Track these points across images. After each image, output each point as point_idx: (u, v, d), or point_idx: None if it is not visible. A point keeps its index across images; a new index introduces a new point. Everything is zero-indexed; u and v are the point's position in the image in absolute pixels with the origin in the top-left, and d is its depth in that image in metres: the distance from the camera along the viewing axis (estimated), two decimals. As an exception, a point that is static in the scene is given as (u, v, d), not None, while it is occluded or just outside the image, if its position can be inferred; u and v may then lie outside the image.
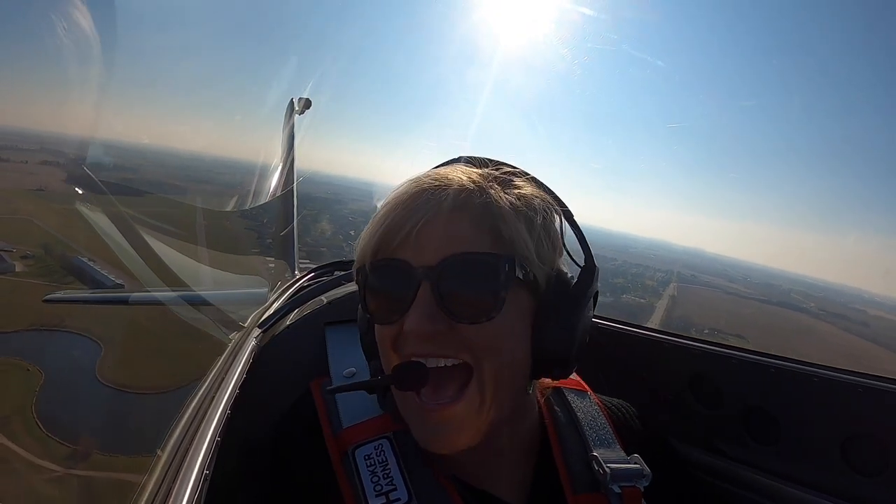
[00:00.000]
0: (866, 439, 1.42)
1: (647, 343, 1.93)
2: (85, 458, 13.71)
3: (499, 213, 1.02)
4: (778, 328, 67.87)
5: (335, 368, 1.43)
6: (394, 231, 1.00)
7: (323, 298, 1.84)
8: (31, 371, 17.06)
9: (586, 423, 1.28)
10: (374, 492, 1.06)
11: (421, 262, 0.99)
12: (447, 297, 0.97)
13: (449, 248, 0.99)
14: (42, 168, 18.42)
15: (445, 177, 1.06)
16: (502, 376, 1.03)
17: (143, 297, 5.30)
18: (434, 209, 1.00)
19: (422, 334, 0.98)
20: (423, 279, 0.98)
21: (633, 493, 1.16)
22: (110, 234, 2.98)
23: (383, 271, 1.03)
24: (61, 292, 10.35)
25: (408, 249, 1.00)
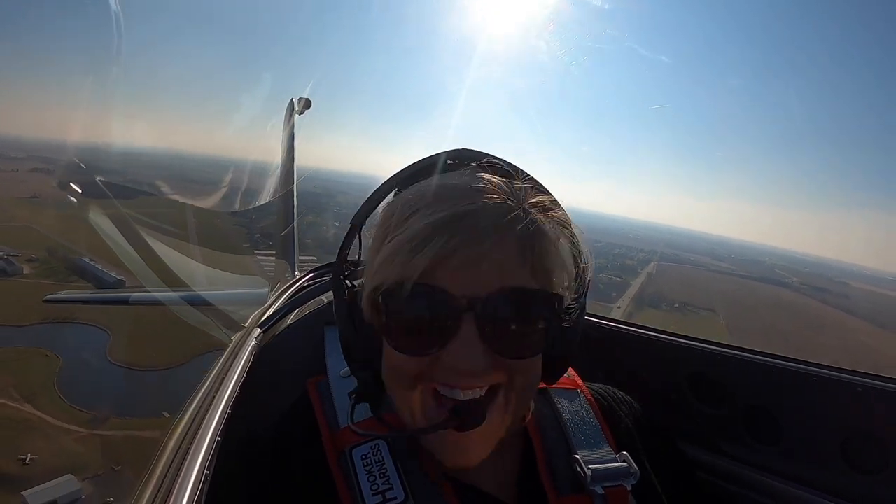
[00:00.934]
0: (866, 438, 1.43)
1: (647, 343, 1.91)
2: (104, 421, 16.19)
3: (545, 243, 0.98)
4: (751, 301, 68.80)
5: (332, 369, 1.40)
6: (444, 258, 0.91)
7: (323, 298, 1.82)
8: (49, 357, 19.23)
9: (572, 425, 1.26)
10: (370, 491, 1.04)
11: (464, 293, 0.91)
12: (493, 332, 0.92)
13: (496, 279, 0.92)
14: (33, 176, 20.26)
15: (491, 200, 0.96)
16: (527, 396, 1.07)
17: (144, 297, 5.41)
18: (484, 237, 0.92)
19: (471, 372, 0.93)
20: (466, 311, 0.91)
21: (619, 493, 1.15)
22: (111, 235, 2.99)
23: (421, 299, 0.94)
24: (62, 292, 10.67)
25: (450, 277, 0.92)
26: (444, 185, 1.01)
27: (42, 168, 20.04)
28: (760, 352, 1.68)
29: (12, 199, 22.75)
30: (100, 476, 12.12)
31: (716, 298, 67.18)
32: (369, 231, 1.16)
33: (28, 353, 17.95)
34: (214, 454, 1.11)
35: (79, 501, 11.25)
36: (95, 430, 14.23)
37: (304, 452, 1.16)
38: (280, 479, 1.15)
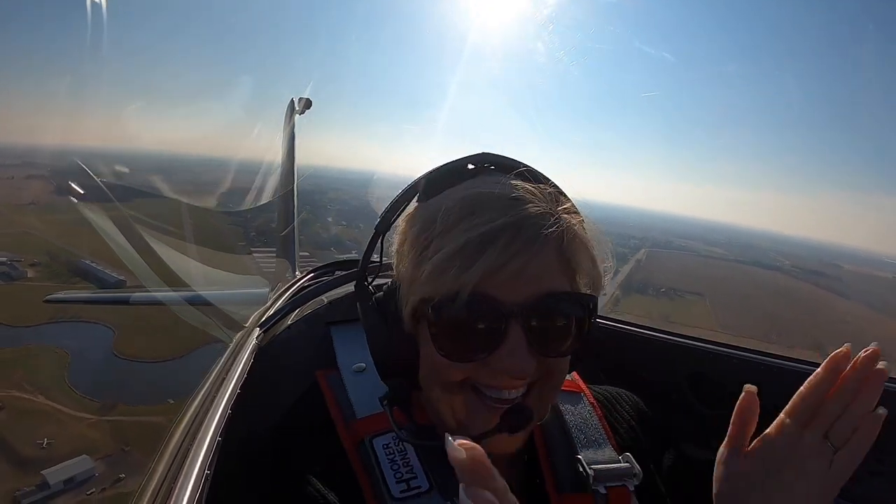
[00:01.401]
0: None
1: (647, 343, 1.93)
2: (112, 408, 17.40)
3: (581, 250, 1.02)
4: (740, 285, 69.67)
5: (343, 363, 1.41)
6: (496, 268, 0.93)
7: (323, 298, 1.81)
8: (58, 353, 20.45)
9: (574, 426, 1.28)
10: (395, 479, 1.05)
11: (511, 299, 0.95)
12: (537, 335, 0.96)
13: (540, 285, 0.96)
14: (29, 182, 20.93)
15: (532, 207, 0.99)
16: (558, 389, 1.11)
17: (144, 297, 5.40)
18: (532, 247, 0.95)
19: (521, 375, 0.98)
20: (513, 317, 0.95)
21: (622, 493, 1.17)
22: (111, 236, 2.98)
23: (473, 309, 0.96)
24: (62, 293, 10.74)
25: (497, 285, 0.95)
26: (486, 195, 1.01)
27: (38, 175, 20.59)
28: (760, 352, 1.67)
29: (11, 205, 23.08)
30: (111, 456, 13.28)
31: (704, 283, 67.78)
32: (393, 237, 1.17)
33: (38, 351, 19.17)
34: (215, 454, 1.10)
35: (93, 479, 12.42)
36: (105, 416, 15.41)
37: (318, 440, 1.16)
38: (289, 468, 1.14)
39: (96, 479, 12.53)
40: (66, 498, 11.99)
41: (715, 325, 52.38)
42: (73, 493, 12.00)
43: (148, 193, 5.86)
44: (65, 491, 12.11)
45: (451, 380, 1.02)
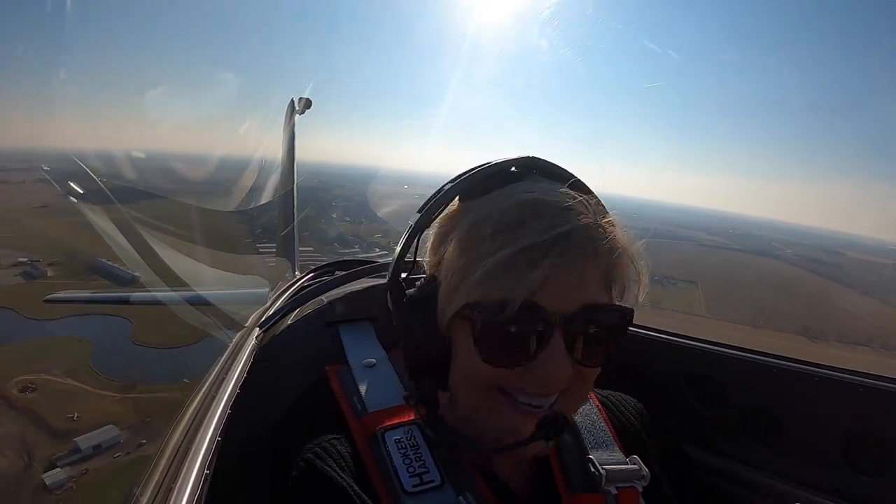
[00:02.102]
0: (867, 439, 1.41)
1: (647, 343, 1.91)
2: (133, 387, 19.15)
3: (621, 262, 1.01)
4: (736, 272, 70.03)
5: (353, 358, 1.41)
6: (543, 280, 0.92)
7: (323, 298, 1.79)
8: (81, 342, 22.15)
9: (583, 426, 1.28)
10: (407, 473, 1.05)
11: (556, 309, 0.94)
12: (577, 344, 0.96)
13: (582, 296, 0.96)
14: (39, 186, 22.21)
15: (581, 218, 0.97)
16: (586, 396, 1.14)
17: (144, 296, 5.39)
18: (582, 259, 0.95)
19: (559, 383, 0.97)
20: (557, 326, 0.94)
21: (631, 494, 1.16)
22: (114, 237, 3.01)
23: (521, 316, 0.94)
24: (62, 293, 10.62)
25: (545, 295, 0.94)
26: (540, 201, 0.99)
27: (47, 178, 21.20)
28: (760, 352, 1.65)
29: (26, 209, 23.61)
30: (133, 426, 14.99)
31: (699, 271, 67.37)
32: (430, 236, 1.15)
33: (63, 341, 20.93)
34: (214, 454, 1.09)
35: (118, 444, 14.14)
36: (127, 394, 17.18)
37: (328, 433, 1.14)
38: (280, 481, 1.12)
39: (121, 445, 14.22)
40: (95, 461, 13.68)
41: (704, 311, 52.70)
42: (102, 457, 13.68)
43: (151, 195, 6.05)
44: (94, 455, 13.81)
45: (488, 384, 1.01)
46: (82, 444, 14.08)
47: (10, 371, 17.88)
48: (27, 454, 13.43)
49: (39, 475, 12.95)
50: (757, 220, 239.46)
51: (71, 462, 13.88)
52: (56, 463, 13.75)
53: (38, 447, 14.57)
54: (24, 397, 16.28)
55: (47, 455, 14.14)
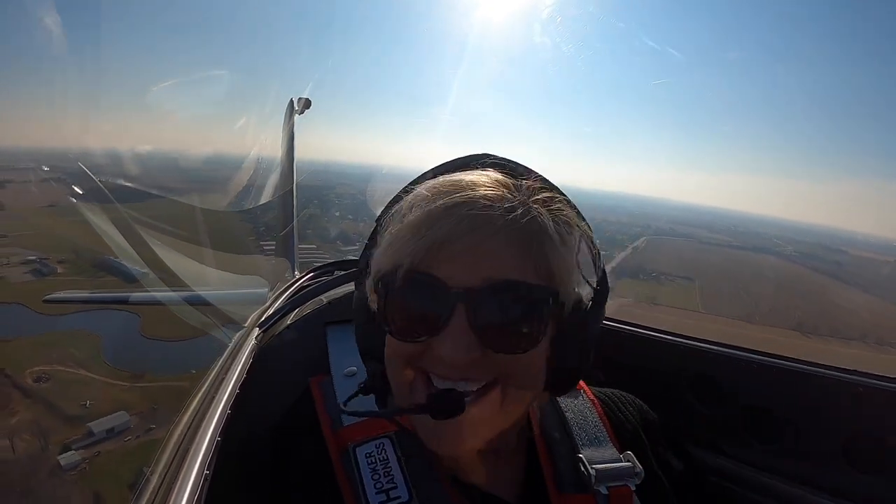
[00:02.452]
0: (867, 438, 1.41)
1: (647, 343, 1.90)
2: (141, 377, 19.99)
3: (545, 241, 0.94)
4: (734, 270, 70.61)
5: (336, 368, 1.39)
6: (436, 247, 0.90)
7: (323, 298, 1.78)
8: (92, 336, 22.94)
9: (576, 424, 1.24)
10: (374, 489, 1.03)
11: (458, 283, 0.90)
12: (485, 324, 0.90)
13: (492, 272, 0.90)
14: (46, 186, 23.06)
15: (489, 192, 0.95)
16: (523, 395, 1.01)
17: (144, 297, 5.38)
18: (477, 225, 0.91)
19: (458, 363, 0.91)
20: (459, 302, 0.89)
21: (623, 493, 1.13)
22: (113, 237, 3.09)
23: (414, 285, 0.93)
24: (62, 293, 10.55)
25: (444, 266, 0.91)
26: (447, 180, 0.99)
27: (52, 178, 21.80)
28: (760, 352, 1.64)
29: (33, 208, 24.46)
30: (143, 413, 15.85)
31: (698, 268, 67.38)
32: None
33: (74, 334, 21.79)
34: (214, 454, 1.09)
35: (129, 429, 15.01)
36: (136, 383, 18.06)
37: (306, 450, 1.14)
38: (280, 477, 1.13)
39: (131, 430, 15.07)
40: (107, 444, 14.52)
41: (699, 306, 52.28)
42: (114, 440, 14.52)
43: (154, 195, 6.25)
44: (107, 438, 14.65)
45: (402, 359, 0.99)
46: (95, 429, 14.95)
47: (25, 363, 18.68)
48: (43, 438, 14.29)
49: (55, 457, 13.80)
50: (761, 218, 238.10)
51: (84, 445, 14.73)
52: (70, 446, 14.60)
53: (53, 432, 15.44)
54: (38, 387, 17.09)
55: (62, 439, 15.00)
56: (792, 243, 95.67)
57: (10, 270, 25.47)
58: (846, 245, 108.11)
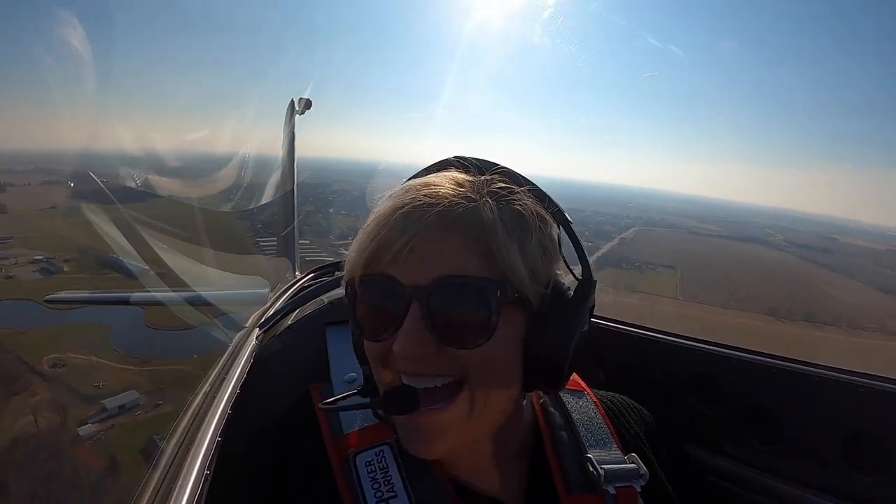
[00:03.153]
0: (867, 438, 1.39)
1: (647, 343, 1.87)
2: (148, 362, 21.61)
3: (491, 233, 0.94)
4: (718, 258, 71.74)
5: (335, 373, 1.39)
6: (384, 247, 0.93)
7: (324, 299, 1.77)
8: (101, 327, 24.19)
9: (582, 425, 1.23)
10: (374, 498, 1.03)
11: (411, 282, 0.92)
12: (436, 320, 0.91)
13: (439, 268, 0.91)
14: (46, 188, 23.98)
15: (437, 190, 0.97)
16: (492, 392, 0.98)
17: (144, 297, 5.34)
18: (425, 226, 0.92)
19: (411, 357, 0.93)
20: (412, 299, 0.91)
21: (629, 493, 1.12)
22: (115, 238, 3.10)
23: (373, 287, 0.97)
24: (63, 293, 10.74)
25: (398, 267, 0.93)
26: (405, 185, 1.02)
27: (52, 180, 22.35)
28: (760, 352, 1.63)
29: (35, 210, 25.04)
30: (151, 392, 17.57)
31: (682, 257, 67.89)
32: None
33: (84, 326, 23.15)
34: (215, 454, 1.09)
35: (139, 405, 16.70)
36: (144, 367, 19.76)
37: (306, 456, 1.13)
38: (281, 478, 1.13)
39: (142, 406, 16.76)
40: (120, 418, 16.15)
41: (677, 293, 53.52)
42: (126, 415, 16.11)
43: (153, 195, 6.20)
44: (119, 414, 16.24)
45: (374, 358, 1.01)
46: (108, 405, 16.56)
47: (40, 351, 20.13)
48: (62, 414, 15.95)
49: (74, 429, 15.45)
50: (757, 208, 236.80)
51: (99, 419, 16.30)
52: (87, 420, 16.24)
53: (71, 408, 17.11)
54: (54, 371, 18.62)
55: (79, 415, 16.65)
56: (784, 232, 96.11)
57: (19, 270, 26.67)
58: (840, 233, 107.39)
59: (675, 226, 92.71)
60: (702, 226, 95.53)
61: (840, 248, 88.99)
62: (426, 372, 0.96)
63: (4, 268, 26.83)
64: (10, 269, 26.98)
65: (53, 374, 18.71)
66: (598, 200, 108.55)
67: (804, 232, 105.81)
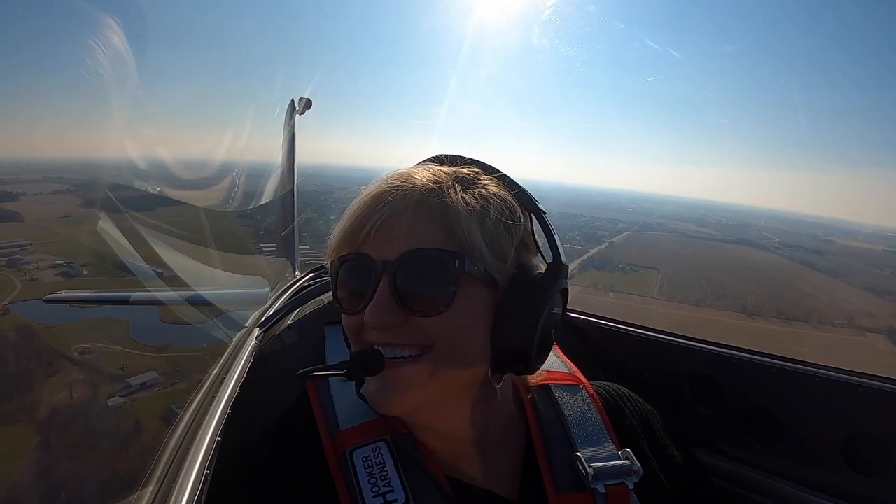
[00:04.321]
0: (867, 439, 1.38)
1: (647, 343, 1.87)
2: (165, 349, 24.41)
3: (453, 211, 1.00)
4: (704, 260, 72.58)
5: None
6: (358, 227, 1.01)
7: (323, 298, 1.78)
8: (121, 322, 25.80)
9: (574, 421, 1.22)
10: (371, 493, 1.03)
11: (381, 257, 0.99)
12: (402, 290, 0.97)
13: (406, 244, 0.98)
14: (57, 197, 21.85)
15: (410, 177, 1.05)
16: (456, 358, 1.01)
17: (145, 296, 5.25)
18: (395, 207, 1.00)
19: (377, 325, 0.98)
20: (382, 273, 0.98)
21: (621, 491, 1.11)
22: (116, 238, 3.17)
23: (349, 264, 1.04)
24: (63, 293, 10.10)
25: (371, 245, 1.00)
26: (388, 175, 1.09)
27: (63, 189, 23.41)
28: (760, 352, 1.62)
29: (50, 219, 26.08)
30: (167, 373, 20.57)
31: (669, 259, 68.97)
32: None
33: (106, 321, 25.49)
34: (214, 454, 1.08)
35: (158, 383, 19.67)
36: (161, 354, 22.75)
37: (304, 455, 1.13)
38: (279, 481, 1.13)
39: (160, 383, 19.75)
40: (142, 393, 19.05)
41: (655, 293, 54.91)
42: (147, 391, 19.01)
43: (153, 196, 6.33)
44: (141, 389, 19.16)
45: (352, 333, 1.07)
46: (132, 382, 19.54)
47: (69, 342, 22.88)
48: (93, 387, 18.97)
49: (104, 401, 18.41)
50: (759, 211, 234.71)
51: (124, 394, 19.26)
52: (114, 394, 19.25)
53: (100, 385, 20.13)
54: (83, 357, 21.44)
55: (106, 390, 19.63)
56: (781, 235, 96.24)
57: (42, 273, 28.49)
58: (837, 235, 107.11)
59: (672, 230, 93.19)
60: (699, 229, 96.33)
61: (834, 249, 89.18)
62: (394, 341, 1.00)
63: (28, 272, 28.40)
64: (33, 272, 28.70)
65: (83, 360, 21.61)
66: (600, 205, 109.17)
67: (803, 234, 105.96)
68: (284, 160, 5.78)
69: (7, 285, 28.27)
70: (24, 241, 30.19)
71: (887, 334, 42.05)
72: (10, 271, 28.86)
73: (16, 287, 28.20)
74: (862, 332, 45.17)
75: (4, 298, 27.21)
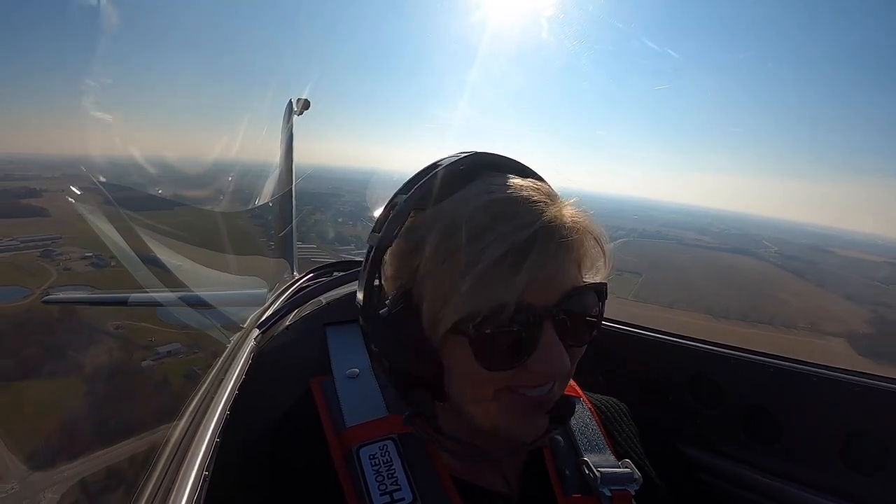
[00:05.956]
0: (866, 438, 1.37)
1: (647, 343, 1.85)
2: (186, 327, 28.21)
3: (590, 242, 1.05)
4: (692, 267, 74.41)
5: (337, 368, 1.37)
6: (530, 279, 0.93)
7: (322, 299, 1.76)
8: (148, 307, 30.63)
9: (577, 429, 1.25)
10: (378, 491, 1.02)
11: (542, 302, 0.95)
12: (567, 330, 0.97)
13: (563, 284, 0.97)
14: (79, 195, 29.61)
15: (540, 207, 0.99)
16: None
17: (143, 298, 5.51)
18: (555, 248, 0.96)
19: (560, 373, 0.98)
20: (545, 320, 0.94)
21: (624, 497, 1.13)
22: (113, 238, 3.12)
23: (512, 319, 0.94)
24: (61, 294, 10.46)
25: (530, 293, 0.94)
26: (504, 201, 0.98)
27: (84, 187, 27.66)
28: (760, 352, 1.61)
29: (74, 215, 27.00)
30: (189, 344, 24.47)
31: (655, 266, 69.75)
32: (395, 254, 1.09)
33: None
34: (213, 455, 1.07)
35: (182, 352, 23.69)
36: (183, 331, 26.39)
37: (308, 450, 1.13)
38: (281, 478, 1.12)
39: (183, 351, 23.68)
40: (167, 359, 22.75)
41: (630, 295, 55.30)
42: (172, 357, 22.64)
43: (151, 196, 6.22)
44: (167, 356, 22.92)
45: (492, 387, 0.99)
46: (160, 350, 23.41)
47: (104, 320, 26.22)
48: (128, 354, 23.19)
49: (138, 363, 22.45)
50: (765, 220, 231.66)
51: (154, 359, 23.19)
52: (146, 359, 23.33)
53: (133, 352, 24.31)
54: (118, 332, 25.30)
55: (139, 356, 23.73)
56: (782, 245, 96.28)
57: (74, 263, 30.85)
58: (838, 246, 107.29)
59: (671, 238, 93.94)
60: (698, 238, 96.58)
61: (832, 259, 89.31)
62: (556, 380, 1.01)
63: (62, 262, 30.76)
64: (66, 263, 30.99)
65: (117, 333, 25.43)
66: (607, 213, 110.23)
67: (803, 245, 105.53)
68: (282, 161, 5.85)
69: (44, 273, 30.89)
70: (55, 234, 32.38)
71: (847, 338, 44.54)
72: (45, 261, 31.42)
73: (52, 275, 30.67)
74: (822, 336, 47.81)
75: (43, 285, 30.91)
